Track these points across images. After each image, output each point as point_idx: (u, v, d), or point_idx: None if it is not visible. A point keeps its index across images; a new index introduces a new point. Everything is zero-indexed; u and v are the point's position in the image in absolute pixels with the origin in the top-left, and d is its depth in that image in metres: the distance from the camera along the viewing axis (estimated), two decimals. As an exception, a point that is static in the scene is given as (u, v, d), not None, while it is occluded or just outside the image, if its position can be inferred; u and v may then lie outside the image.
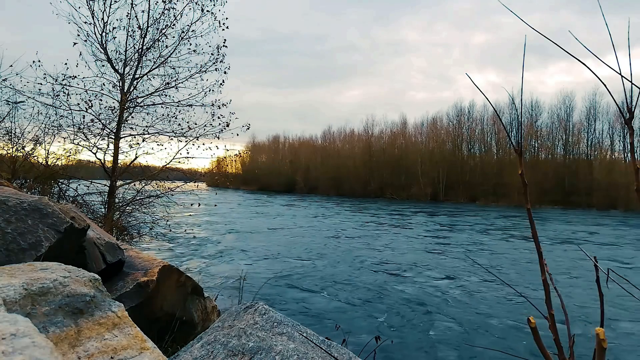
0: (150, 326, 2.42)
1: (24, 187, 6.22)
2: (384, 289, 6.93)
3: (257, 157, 67.02)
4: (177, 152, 7.17)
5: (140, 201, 7.14)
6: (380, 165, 49.21)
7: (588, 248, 12.22)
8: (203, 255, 9.53)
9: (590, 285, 7.28)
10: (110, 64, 6.70)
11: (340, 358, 1.75)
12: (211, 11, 6.92)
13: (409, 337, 4.84)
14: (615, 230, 17.85)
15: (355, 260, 9.32)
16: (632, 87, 0.62)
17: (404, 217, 21.84)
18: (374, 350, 2.50)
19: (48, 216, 1.97)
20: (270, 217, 20.09)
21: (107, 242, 2.62)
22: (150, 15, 6.67)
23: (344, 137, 60.29)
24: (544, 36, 0.71)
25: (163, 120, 7.17)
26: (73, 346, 1.15)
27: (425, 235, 14.29)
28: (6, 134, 6.72)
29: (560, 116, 44.43)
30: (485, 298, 6.49)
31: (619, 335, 5.02)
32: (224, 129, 7.16)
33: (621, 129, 40.76)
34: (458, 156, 47.41)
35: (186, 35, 6.95)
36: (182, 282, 3.08)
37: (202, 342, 1.73)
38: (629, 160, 7.34)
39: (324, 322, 5.24)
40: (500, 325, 5.29)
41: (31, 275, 1.27)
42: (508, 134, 15.03)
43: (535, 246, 0.73)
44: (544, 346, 0.71)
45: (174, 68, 7.08)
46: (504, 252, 11.02)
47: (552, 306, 0.73)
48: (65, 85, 6.40)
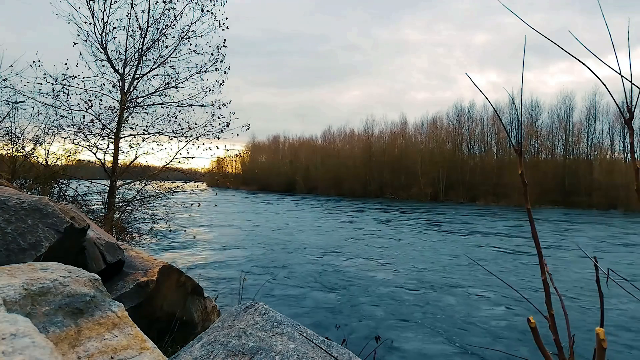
0: (150, 326, 2.42)
1: (24, 187, 6.22)
2: (384, 289, 6.93)
3: (257, 157, 67.03)
4: (177, 152, 7.17)
5: (140, 201, 7.14)
6: (380, 165, 49.20)
7: (588, 248, 12.22)
8: (203, 255, 9.53)
9: (590, 285, 7.28)
10: (110, 64, 6.70)
11: (340, 358, 1.75)
12: (211, 11, 6.92)
13: (409, 337, 4.84)
14: (615, 230, 17.85)
15: (356, 261, 9.32)
16: (632, 87, 0.62)
17: (403, 217, 21.84)
18: (374, 350, 2.50)
19: (48, 216, 1.97)
20: (270, 217, 20.09)
21: (107, 242, 2.62)
22: (150, 15, 6.67)
23: (344, 137, 60.36)
24: (544, 36, 0.71)
25: (163, 120, 7.18)
26: (73, 346, 1.15)
27: (426, 236, 14.28)
28: (6, 134, 6.72)
29: (560, 116, 44.48)
30: (485, 298, 6.49)
31: (620, 335, 5.03)
32: (224, 129, 7.16)
33: (621, 129, 40.76)
34: (458, 156, 47.40)
35: (186, 35, 6.95)
36: (182, 282, 3.08)
37: (202, 342, 1.73)
38: (629, 160, 7.39)
39: (324, 322, 5.24)
40: (501, 325, 5.29)
41: (31, 275, 1.27)
42: (508, 134, 15.04)
43: (535, 246, 0.73)
44: (544, 346, 0.71)
45: (174, 68, 7.08)
46: (504, 252, 11.02)
47: (552, 306, 0.73)
48: (65, 85, 6.40)
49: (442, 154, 46.88)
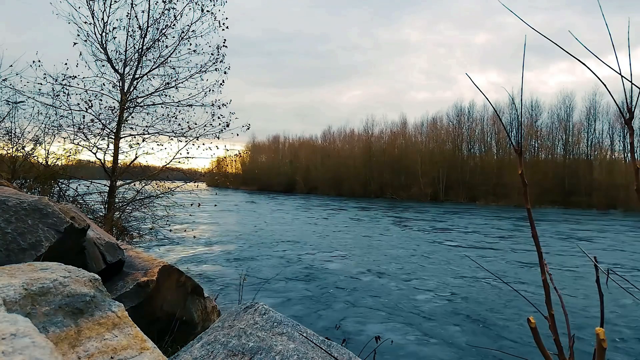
0: (150, 326, 2.42)
1: (24, 187, 6.22)
2: (384, 289, 6.93)
3: (257, 157, 67.03)
4: (177, 152, 7.18)
5: (140, 201, 7.15)
6: (380, 165, 49.20)
7: (588, 248, 12.21)
8: (203, 255, 9.53)
9: (590, 285, 7.28)
10: (110, 64, 6.70)
11: (340, 358, 1.75)
12: (211, 11, 6.93)
13: (409, 337, 4.84)
14: (615, 230, 17.85)
15: (356, 260, 9.32)
16: (632, 87, 0.62)
17: (403, 217, 21.84)
18: (374, 350, 2.50)
19: (48, 216, 1.97)
20: (270, 217, 20.09)
21: (107, 242, 2.62)
22: (150, 15, 6.68)
23: (344, 137, 60.39)
24: (544, 36, 0.71)
25: (163, 120, 7.19)
26: (73, 346, 1.15)
27: (426, 236, 14.29)
28: (6, 134, 6.72)
29: (560, 116, 44.47)
30: (485, 298, 6.49)
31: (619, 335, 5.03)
32: (224, 129, 7.17)
33: (621, 129, 40.76)
34: (458, 156, 47.40)
35: (186, 35, 6.96)
36: (182, 282, 3.08)
37: (202, 342, 1.73)
38: (629, 160, 7.32)
39: (324, 322, 5.24)
40: (500, 325, 5.29)
41: (31, 275, 1.27)
42: (508, 134, 15.04)
43: (535, 246, 0.73)
44: (544, 346, 0.71)
45: (174, 68, 7.09)
46: (504, 252, 11.01)
47: (552, 306, 0.73)
48: (65, 85, 6.41)
49: (442, 154, 46.89)
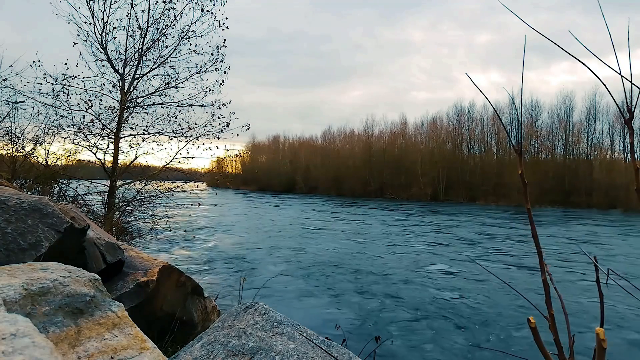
0: (150, 326, 2.42)
1: (24, 187, 6.22)
2: (384, 289, 6.93)
3: (257, 157, 66.97)
4: (177, 152, 7.17)
5: (140, 201, 7.14)
6: (380, 165, 49.18)
7: (588, 248, 12.21)
8: (203, 255, 9.53)
9: (590, 285, 7.28)
10: (110, 64, 6.70)
11: (340, 358, 1.75)
12: (211, 11, 6.92)
13: (409, 337, 4.84)
14: (615, 230, 17.85)
15: (356, 261, 9.32)
16: (632, 87, 0.62)
17: (403, 217, 21.84)
18: (374, 350, 2.50)
19: (48, 216, 1.97)
20: (270, 217, 20.08)
21: (107, 242, 2.62)
22: (150, 15, 6.67)
23: (344, 137, 60.30)
24: (544, 36, 0.71)
25: (163, 120, 7.18)
26: (73, 346, 1.15)
27: (425, 236, 14.29)
28: (6, 134, 6.72)
29: (560, 116, 44.44)
30: (485, 298, 6.49)
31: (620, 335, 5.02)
32: (224, 129, 7.16)
33: (621, 129, 40.75)
34: (458, 156, 47.38)
35: (186, 35, 6.95)
36: (182, 282, 3.08)
37: (202, 342, 1.73)
38: (629, 160, 7.24)
39: (324, 322, 5.23)
40: (500, 325, 5.29)
41: (31, 275, 1.27)
42: (508, 134, 15.04)
43: (535, 246, 0.73)
44: (544, 346, 0.71)
45: (174, 68, 7.08)
46: (504, 252, 11.01)
47: (552, 306, 0.73)
48: (65, 85, 6.40)
49: (442, 154, 46.87)
